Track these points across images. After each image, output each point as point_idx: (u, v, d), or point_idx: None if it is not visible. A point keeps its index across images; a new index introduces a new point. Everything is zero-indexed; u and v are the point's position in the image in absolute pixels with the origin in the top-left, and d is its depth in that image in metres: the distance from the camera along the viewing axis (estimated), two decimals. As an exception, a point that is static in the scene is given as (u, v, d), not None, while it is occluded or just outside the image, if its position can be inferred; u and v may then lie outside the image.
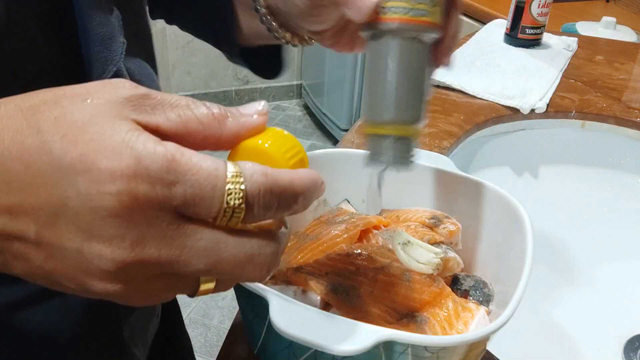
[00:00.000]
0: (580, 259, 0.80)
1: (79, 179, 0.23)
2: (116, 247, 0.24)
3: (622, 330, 0.70)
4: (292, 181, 0.26)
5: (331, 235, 0.45)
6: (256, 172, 0.25)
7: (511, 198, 0.45)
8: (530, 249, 0.41)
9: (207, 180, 0.24)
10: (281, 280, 0.43)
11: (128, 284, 0.25)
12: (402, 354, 0.34)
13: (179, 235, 0.24)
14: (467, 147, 0.80)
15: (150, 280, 0.26)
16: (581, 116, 0.85)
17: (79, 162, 0.23)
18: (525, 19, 1.02)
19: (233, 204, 0.24)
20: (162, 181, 0.23)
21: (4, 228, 0.24)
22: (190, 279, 0.27)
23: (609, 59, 1.06)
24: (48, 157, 0.23)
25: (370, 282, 0.41)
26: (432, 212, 0.49)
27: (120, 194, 0.23)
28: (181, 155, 0.24)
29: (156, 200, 0.23)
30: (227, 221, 0.25)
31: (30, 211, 0.24)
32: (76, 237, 0.24)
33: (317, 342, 0.31)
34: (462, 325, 0.41)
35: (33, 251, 0.25)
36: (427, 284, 0.42)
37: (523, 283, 0.38)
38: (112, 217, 0.23)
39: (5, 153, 0.24)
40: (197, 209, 0.24)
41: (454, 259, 0.45)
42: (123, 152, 0.23)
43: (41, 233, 0.24)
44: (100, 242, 0.24)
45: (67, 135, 0.24)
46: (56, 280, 0.26)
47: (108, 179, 0.23)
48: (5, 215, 0.24)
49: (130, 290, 0.26)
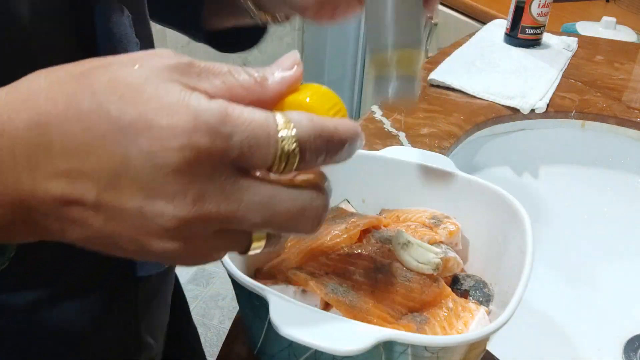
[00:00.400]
0: (581, 259, 0.80)
1: (140, 137, 0.23)
2: (178, 203, 0.24)
3: (622, 330, 0.70)
4: (337, 128, 0.26)
5: (331, 235, 0.45)
6: (304, 119, 0.26)
7: (511, 198, 0.45)
8: (530, 249, 0.41)
9: (261, 129, 0.24)
10: (281, 280, 0.43)
11: (186, 243, 0.25)
12: (402, 354, 0.34)
13: (236, 189, 0.25)
14: (467, 147, 0.80)
15: (207, 237, 0.26)
16: (581, 116, 0.85)
17: (139, 121, 0.23)
18: (525, 19, 1.02)
19: (287, 149, 0.25)
20: (219, 134, 0.24)
21: (63, 193, 0.24)
22: (244, 236, 0.27)
23: (609, 59, 1.06)
24: (106, 119, 0.24)
25: (370, 282, 0.41)
26: (432, 212, 0.49)
27: (182, 149, 0.23)
28: (233, 109, 0.24)
29: (216, 153, 0.24)
30: (282, 168, 0.25)
31: (90, 174, 0.24)
32: (137, 197, 0.24)
33: (317, 342, 0.31)
34: (462, 325, 0.41)
35: (92, 215, 0.25)
36: (427, 284, 0.42)
37: (523, 283, 0.38)
38: (174, 174, 0.23)
39: (61, 117, 0.24)
40: (253, 159, 0.25)
41: (454, 259, 0.45)
42: (180, 109, 0.23)
43: (101, 195, 0.24)
44: (162, 199, 0.24)
45: (124, 96, 0.24)
46: (114, 243, 0.26)
47: (170, 136, 0.23)
48: (64, 180, 0.24)
49: (188, 249, 0.26)
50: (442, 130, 0.78)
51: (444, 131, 0.78)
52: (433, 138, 0.76)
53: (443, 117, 0.81)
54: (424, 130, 0.78)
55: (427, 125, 0.79)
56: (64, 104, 0.24)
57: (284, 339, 0.32)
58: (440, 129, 0.78)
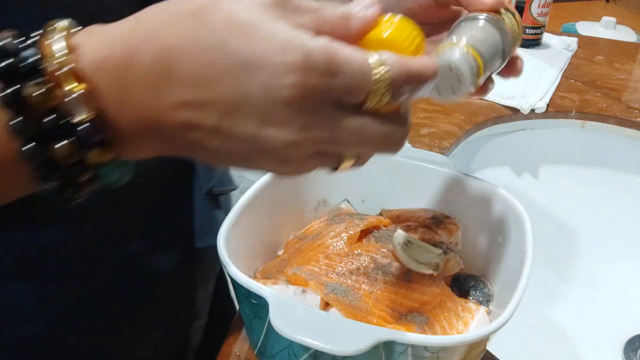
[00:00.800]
0: (581, 258, 0.80)
1: (258, 73, 0.27)
2: (288, 130, 0.28)
3: (622, 330, 0.70)
4: (421, 69, 0.30)
5: (331, 235, 0.45)
6: (393, 59, 0.29)
7: (511, 198, 0.45)
8: (530, 249, 0.41)
9: (360, 70, 0.28)
10: (281, 280, 0.43)
11: (289, 161, 0.30)
12: (402, 354, 0.34)
13: (335, 119, 0.29)
14: (467, 147, 0.80)
15: (307, 157, 0.30)
16: (581, 116, 0.85)
17: (257, 58, 0.26)
18: (525, 19, 1.02)
19: (380, 88, 0.29)
20: (326, 73, 0.27)
21: (186, 119, 0.28)
22: (336, 156, 0.32)
23: (609, 59, 1.06)
24: (228, 55, 0.27)
25: (370, 282, 0.41)
26: (432, 212, 0.49)
27: (295, 85, 0.27)
28: (336, 49, 0.27)
29: (322, 89, 0.27)
30: (373, 104, 0.29)
31: (213, 104, 0.27)
32: (253, 124, 0.28)
33: (317, 342, 0.31)
34: (462, 325, 0.41)
35: (211, 138, 0.29)
36: (427, 284, 0.42)
37: (523, 283, 0.38)
38: (286, 106, 0.27)
39: (185, 52, 0.27)
40: (351, 97, 0.29)
41: (454, 259, 0.45)
42: (293, 48, 0.27)
43: (220, 122, 0.28)
44: (274, 127, 0.28)
45: (242, 34, 0.27)
46: (228, 160, 0.30)
47: (284, 72, 0.26)
48: (187, 108, 0.28)
49: (289, 166, 0.30)
50: (442, 130, 0.78)
51: (444, 131, 0.78)
52: (433, 138, 0.76)
53: (443, 117, 0.81)
54: (424, 130, 0.78)
55: (427, 125, 0.79)
56: (186, 40, 0.27)
57: (284, 339, 0.32)
58: (440, 129, 0.78)
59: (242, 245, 0.43)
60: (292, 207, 0.50)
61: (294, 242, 0.47)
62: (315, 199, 0.52)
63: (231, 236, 0.40)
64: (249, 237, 0.45)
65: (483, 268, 0.48)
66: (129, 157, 0.30)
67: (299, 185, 0.50)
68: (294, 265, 0.44)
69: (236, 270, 0.37)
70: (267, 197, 0.46)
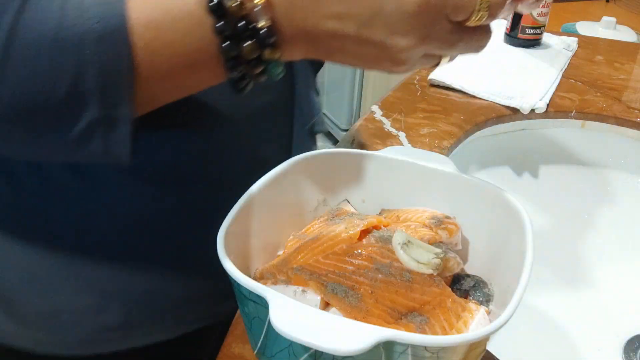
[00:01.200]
0: (580, 258, 0.80)
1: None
2: (410, 38, 0.36)
3: (622, 330, 0.70)
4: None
5: (331, 235, 0.45)
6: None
7: (511, 198, 0.45)
8: (530, 249, 0.40)
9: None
10: (281, 280, 0.43)
11: (406, 62, 0.38)
12: (402, 354, 0.34)
13: (445, 30, 0.37)
14: (467, 147, 0.80)
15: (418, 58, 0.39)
16: (581, 116, 0.85)
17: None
18: (526, 19, 1.02)
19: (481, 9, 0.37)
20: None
21: (333, 28, 0.36)
22: (438, 57, 0.41)
23: (609, 59, 1.06)
24: None
25: (370, 282, 0.41)
26: (432, 212, 0.49)
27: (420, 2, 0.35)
28: None
29: (439, 6, 0.35)
30: (474, 21, 0.37)
31: (355, 16, 0.35)
32: (383, 33, 0.36)
33: (317, 342, 0.31)
34: (462, 325, 0.41)
35: (351, 45, 0.37)
36: (427, 284, 0.42)
37: (523, 283, 0.38)
38: (411, 17, 0.35)
39: None
40: (458, 14, 0.36)
41: (454, 259, 0.45)
42: None
43: (359, 31, 0.36)
44: (399, 35, 0.36)
45: None
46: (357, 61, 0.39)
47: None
48: (334, 20, 0.36)
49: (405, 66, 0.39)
50: (442, 130, 0.78)
51: (444, 131, 0.78)
52: (433, 138, 0.76)
53: (443, 117, 0.81)
54: (424, 130, 0.78)
55: (427, 125, 0.79)
56: None
57: (284, 339, 0.32)
58: (440, 129, 0.78)
59: (241, 245, 0.43)
60: (292, 207, 0.50)
61: (294, 242, 0.47)
62: (315, 199, 0.52)
63: (231, 236, 0.40)
64: (249, 237, 0.45)
65: (483, 268, 0.47)
66: (286, 57, 0.38)
67: (299, 186, 0.50)
68: (293, 265, 0.44)
69: (236, 270, 0.37)
70: (267, 197, 0.46)
